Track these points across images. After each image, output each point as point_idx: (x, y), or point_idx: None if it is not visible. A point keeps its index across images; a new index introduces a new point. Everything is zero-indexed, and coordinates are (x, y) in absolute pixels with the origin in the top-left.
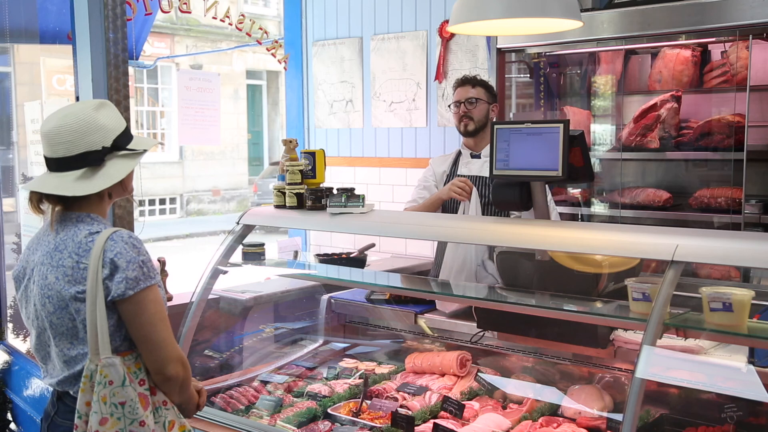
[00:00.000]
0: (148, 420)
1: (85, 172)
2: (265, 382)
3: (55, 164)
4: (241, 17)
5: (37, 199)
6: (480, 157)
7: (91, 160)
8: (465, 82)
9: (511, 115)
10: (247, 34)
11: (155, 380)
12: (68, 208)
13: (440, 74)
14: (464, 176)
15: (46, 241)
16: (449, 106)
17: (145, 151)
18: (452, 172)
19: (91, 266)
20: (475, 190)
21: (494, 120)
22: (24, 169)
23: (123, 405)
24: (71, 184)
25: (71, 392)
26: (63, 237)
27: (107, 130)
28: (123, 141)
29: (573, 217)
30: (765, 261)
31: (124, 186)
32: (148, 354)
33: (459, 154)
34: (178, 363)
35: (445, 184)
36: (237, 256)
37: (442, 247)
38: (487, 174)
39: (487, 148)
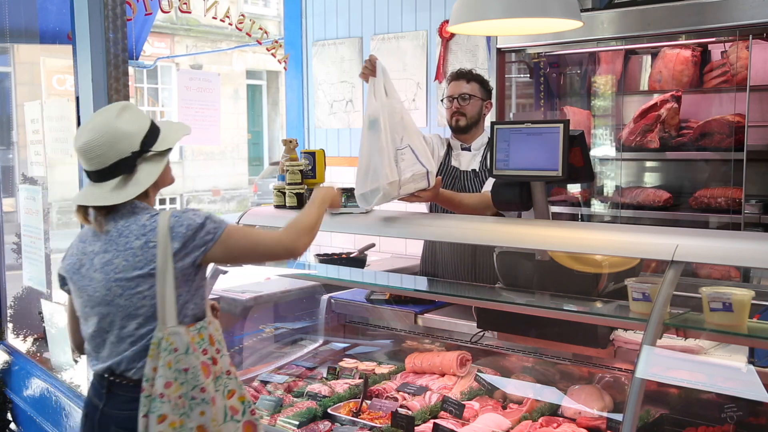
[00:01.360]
0: (209, 387)
1: (121, 180)
2: (265, 382)
3: (95, 176)
4: (241, 17)
5: (84, 210)
6: (470, 150)
7: (123, 168)
8: (459, 76)
9: (511, 115)
10: (247, 34)
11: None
12: (114, 210)
13: (440, 74)
14: (455, 168)
15: (104, 231)
16: (442, 100)
17: (170, 149)
18: (446, 162)
19: (159, 243)
20: (380, 61)
21: (487, 117)
22: (24, 169)
23: (186, 371)
24: (108, 193)
25: (128, 374)
26: (124, 224)
27: (132, 134)
28: (150, 140)
29: (573, 217)
30: (765, 261)
31: (163, 178)
32: (275, 259)
33: (449, 145)
34: (289, 245)
35: (439, 169)
36: None
37: (430, 245)
38: (475, 167)
39: (477, 140)
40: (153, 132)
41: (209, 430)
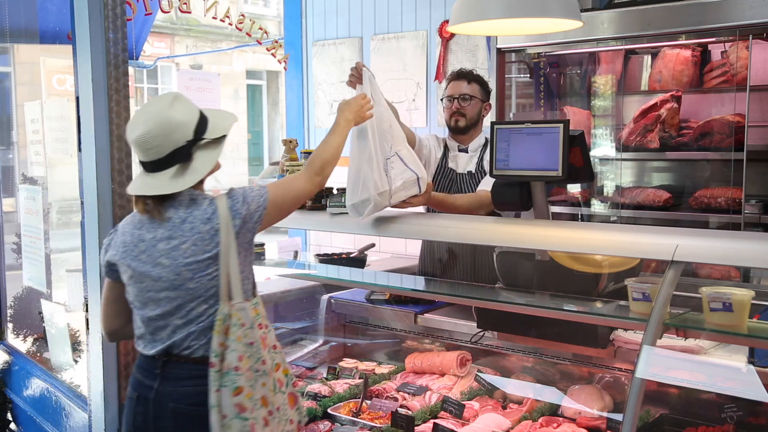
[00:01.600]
0: (267, 359)
1: (178, 169)
2: None
3: (151, 166)
4: (241, 17)
5: (143, 200)
6: (467, 152)
7: (179, 158)
8: (460, 76)
9: (511, 115)
10: (247, 34)
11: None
12: (171, 198)
13: (440, 74)
14: (452, 171)
15: (166, 218)
16: (441, 99)
17: (224, 136)
18: (442, 164)
19: (222, 225)
20: (366, 69)
21: (485, 118)
22: (24, 169)
23: (251, 345)
24: (167, 183)
25: (186, 353)
26: (186, 210)
27: (186, 124)
28: (201, 128)
29: (573, 217)
30: (765, 261)
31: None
32: (312, 196)
33: (446, 146)
34: (317, 179)
35: (436, 171)
36: None
37: (428, 244)
38: (472, 169)
39: (475, 142)
40: (203, 120)
41: (269, 400)
